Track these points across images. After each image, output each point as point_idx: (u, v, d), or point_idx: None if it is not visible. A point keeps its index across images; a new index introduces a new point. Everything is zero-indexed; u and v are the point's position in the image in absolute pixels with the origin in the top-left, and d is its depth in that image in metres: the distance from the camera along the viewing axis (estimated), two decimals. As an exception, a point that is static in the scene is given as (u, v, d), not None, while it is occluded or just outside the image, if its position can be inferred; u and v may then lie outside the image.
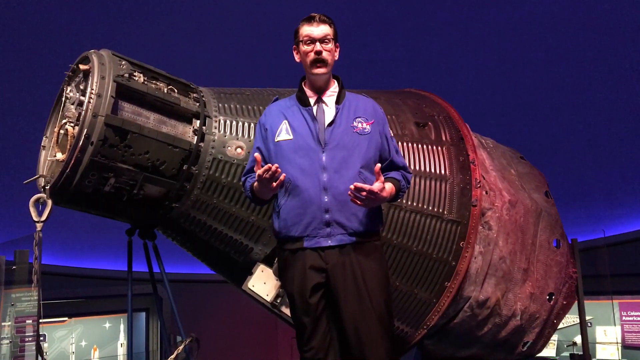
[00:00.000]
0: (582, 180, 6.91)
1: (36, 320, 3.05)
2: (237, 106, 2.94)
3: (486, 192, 3.22)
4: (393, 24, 7.59)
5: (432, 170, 3.11)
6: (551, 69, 7.07)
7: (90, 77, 2.56)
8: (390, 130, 2.49)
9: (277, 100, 2.49)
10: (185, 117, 2.81)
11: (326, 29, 2.32)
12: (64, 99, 2.80)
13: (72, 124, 2.60)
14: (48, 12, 6.42)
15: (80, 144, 2.48)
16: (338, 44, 2.39)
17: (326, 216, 2.22)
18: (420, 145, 3.16)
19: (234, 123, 2.87)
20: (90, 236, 6.49)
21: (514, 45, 7.23)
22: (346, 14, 7.24)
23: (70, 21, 6.54)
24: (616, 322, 5.00)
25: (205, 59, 7.10)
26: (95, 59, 2.60)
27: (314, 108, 2.35)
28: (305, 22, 2.35)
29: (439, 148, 3.20)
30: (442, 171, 3.13)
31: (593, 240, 5.64)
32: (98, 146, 2.50)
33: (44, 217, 2.67)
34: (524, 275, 3.36)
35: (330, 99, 2.38)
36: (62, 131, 2.66)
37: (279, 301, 2.76)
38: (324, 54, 2.31)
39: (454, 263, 3.04)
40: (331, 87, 2.40)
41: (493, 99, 7.33)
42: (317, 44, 2.30)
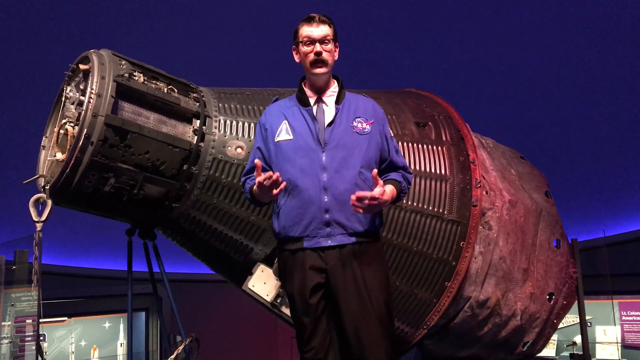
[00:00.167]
0: (582, 180, 6.90)
1: (36, 320, 3.05)
2: (237, 106, 2.94)
3: (486, 192, 3.22)
4: (393, 24, 7.59)
5: (433, 170, 3.11)
6: (551, 69, 7.06)
7: (90, 77, 2.55)
8: (390, 130, 2.48)
9: (277, 100, 2.49)
10: (186, 117, 2.80)
11: (326, 29, 2.32)
12: (63, 98, 2.80)
13: (72, 124, 2.60)
14: (48, 12, 6.41)
15: (80, 144, 2.48)
16: (338, 44, 2.39)
17: (326, 216, 2.22)
18: (420, 145, 3.16)
19: (234, 123, 2.87)
20: (90, 236, 6.49)
21: (514, 45, 7.22)
22: (346, 14, 7.25)
23: (70, 21, 6.53)
24: (616, 322, 5.00)
25: (205, 59, 7.09)
26: (95, 58, 2.60)
27: (314, 108, 2.35)
28: (305, 22, 2.34)
29: (439, 148, 3.20)
30: (443, 171, 3.13)
31: (593, 240, 5.63)
32: (98, 146, 2.50)
33: (43, 217, 2.66)
34: (524, 275, 3.36)
35: (330, 99, 2.38)
36: (62, 131, 2.66)
37: (279, 301, 2.76)
38: (324, 55, 2.31)
39: (454, 263, 3.04)
40: (331, 87, 2.40)
41: (493, 99, 7.33)
42: (317, 44, 2.30)
